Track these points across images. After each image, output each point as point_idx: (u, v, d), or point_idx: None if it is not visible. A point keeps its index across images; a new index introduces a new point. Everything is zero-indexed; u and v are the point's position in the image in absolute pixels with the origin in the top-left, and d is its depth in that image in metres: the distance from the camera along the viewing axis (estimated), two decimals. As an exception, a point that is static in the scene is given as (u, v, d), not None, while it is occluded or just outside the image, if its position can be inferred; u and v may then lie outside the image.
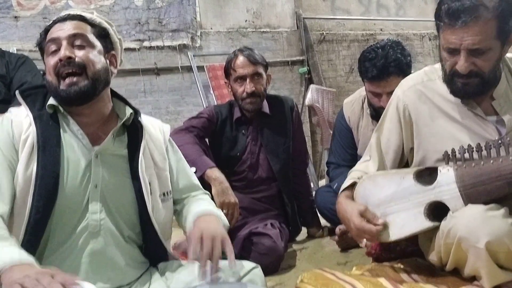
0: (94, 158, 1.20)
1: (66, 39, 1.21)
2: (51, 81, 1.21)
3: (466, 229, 1.28)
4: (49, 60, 1.22)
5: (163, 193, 1.31)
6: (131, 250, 1.25)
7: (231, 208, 1.88)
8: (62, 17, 1.25)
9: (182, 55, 4.05)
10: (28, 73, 2.28)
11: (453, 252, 1.36)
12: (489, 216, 1.27)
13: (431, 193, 1.43)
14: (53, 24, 1.25)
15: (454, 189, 1.37)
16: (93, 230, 1.18)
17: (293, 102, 2.41)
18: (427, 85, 1.55)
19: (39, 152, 1.15)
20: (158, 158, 1.33)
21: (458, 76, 1.40)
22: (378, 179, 1.56)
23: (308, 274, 1.53)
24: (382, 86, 2.10)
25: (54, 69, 1.20)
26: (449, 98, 1.50)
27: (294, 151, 2.36)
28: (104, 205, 1.20)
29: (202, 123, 2.20)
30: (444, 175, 1.40)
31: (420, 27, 5.44)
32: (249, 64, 2.20)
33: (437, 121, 1.52)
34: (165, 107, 4.01)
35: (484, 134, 1.43)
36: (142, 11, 3.92)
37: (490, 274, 1.29)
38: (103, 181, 1.20)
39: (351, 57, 4.96)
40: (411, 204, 1.46)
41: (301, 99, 4.49)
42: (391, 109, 1.63)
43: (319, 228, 2.46)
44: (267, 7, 4.51)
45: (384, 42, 2.19)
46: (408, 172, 1.52)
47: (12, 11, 3.49)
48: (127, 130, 1.30)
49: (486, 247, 1.24)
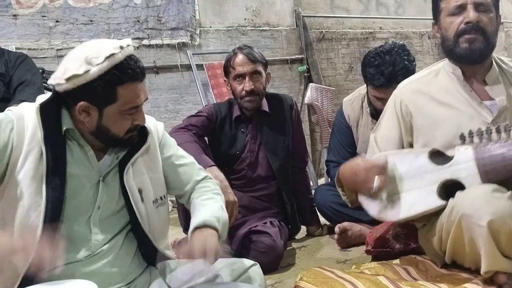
0: (101, 181, 1.20)
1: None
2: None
3: (470, 207, 1.30)
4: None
5: (159, 198, 1.30)
6: (128, 254, 1.24)
7: (230, 206, 1.88)
8: None
9: (181, 54, 4.04)
10: (28, 71, 2.28)
11: (453, 231, 1.37)
12: (494, 196, 1.29)
13: (447, 171, 1.44)
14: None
15: (472, 167, 1.39)
16: (94, 250, 1.17)
17: (293, 101, 2.41)
18: (422, 81, 1.64)
19: (48, 172, 1.12)
20: (152, 161, 1.30)
21: (465, 32, 1.50)
22: (388, 158, 1.57)
23: (308, 272, 1.53)
24: (388, 92, 2.09)
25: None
26: (444, 87, 1.58)
27: (293, 150, 2.36)
28: (104, 224, 1.19)
29: (201, 122, 2.20)
30: (462, 154, 1.42)
31: (420, 25, 5.43)
32: (248, 62, 2.19)
33: (434, 110, 1.57)
34: (164, 106, 4.01)
35: (480, 117, 1.49)
36: (141, 9, 3.91)
37: (490, 255, 1.29)
38: (105, 202, 1.20)
39: (350, 56, 4.96)
40: (424, 183, 1.47)
41: (301, 98, 4.48)
42: (389, 108, 1.68)
43: (319, 226, 2.46)
44: (266, 5, 4.50)
45: (389, 46, 2.15)
46: (422, 151, 1.53)
47: (11, 9, 3.49)
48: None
49: (488, 226, 1.25)
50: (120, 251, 1.21)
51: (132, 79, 1.15)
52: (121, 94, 1.14)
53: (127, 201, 1.21)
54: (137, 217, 1.21)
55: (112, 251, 1.20)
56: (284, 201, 2.29)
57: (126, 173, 1.21)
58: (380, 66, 2.08)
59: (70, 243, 1.15)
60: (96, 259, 1.17)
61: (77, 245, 1.16)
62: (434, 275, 1.53)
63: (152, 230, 1.25)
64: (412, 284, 1.43)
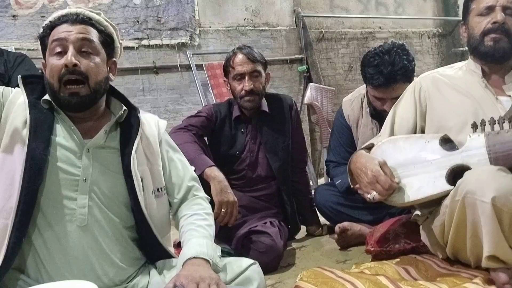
0: (85, 153, 1.21)
1: (73, 43, 1.21)
2: (52, 83, 1.21)
3: (474, 183, 1.32)
4: (53, 60, 1.21)
5: (157, 189, 1.31)
6: (125, 245, 1.25)
7: (230, 206, 1.88)
8: (71, 18, 1.24)
9: (181, 54, 4.04)
10: (27, 72, 2.28)
11: (457, 212, 1.38)
12: (500, 175, 1.32)
13: (458, 157, 1.48)
14: (59, 22, 1.24)
15: (483, 153, 1.44)
16: (80, 224, 1.18)
17: (292, 101, 2.41)
18: (442, 74, 1.74)
19: (30, 135, 1.16)
20: (151, 153, 1.33)
21: (491, 32, 1.58)
22: (399, 142, 1.62)
23: (307, 272, 1.53)
24: (387, 92, 2.10)
25: (58, 73, 1.20)
26: (464, 79, 1.66)
27: (293, 150, 2.36)
28: (93, 200, 1.20)
29: (201, 122, 2.20)
30: (474, 140, 1.47)
31: (419, 25, 5.43)
32: (248, 62, 2.19)
33: (451, 96, 1.65)
34: (164, 106, 4.01)
35: (494, 110, 1.54)
36: (140, 10, 3.91)
37: (492, 235, 1.30)
38: (93, 176, 1.21)
39: (350, 55, 4.96)
40: (433, 167, 1.51)
41: (300, 98, 4.48)
42: (408, 92, 1.77)
43: (318, 226, 2.46)
44: (266, 5, 4.50)
45: (388, 46, 2.14)
46: (434, 137, 1.57)
47: (10, 9, 3.49)
48: (120, 126, 1.30)
49: (492, 203, 1.27)
50: (108, 232, 1.21)
51: (59, 23, 1.24)
52: (50, 37, 1.24)
53: (130, 187, 1.22)
54: (140, 203, 1.22)
55: (99, 229, 1.19)
56: (284, 201, 2.29)
57: (132, 159, 1.23)
58: (379, 66, 2.08)
59: (54, 211, 1.16)
60: (79, 233, 1.17)
61: (61, 216, 1.17)
62: (434, 275, 1.53)
63: (153, 220, 1.26)
64: (412, 284, 1.43)
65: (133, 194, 1.23)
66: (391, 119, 1.77)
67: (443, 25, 5.58)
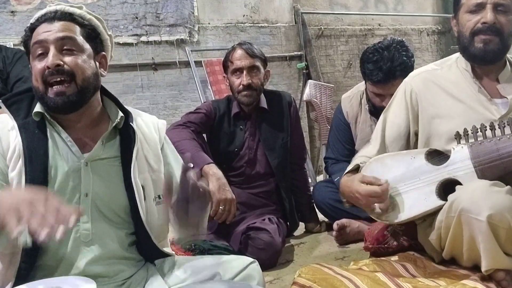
0: (83, 166, 1.16)
1: (53, 43, 1.14)
2: (38, 87, 1.15)
3: (469, 201, 1.30)
4: (36, 64, 1.15)
5: (159, 196, 1.27)
6: (127, 251, 1.24)
7: (228, 204, 1.88)
8: (50, 16, 1.18)
9: (180, 50, 4.03)
10: (25, 68, 2.27)
11: (453, 227, 1.36)
12: (493, 191, 1.29)
13: (444, 171, 1.45)
14: (38, 23, 1.18)
15: (469, 165, 1.40)
16: (85, 239, 1.15)
17: (291, 98, 2.41)
18: (433, 73, 1.64)
19: (26, 163, 1.11)
20: (153, 160, 1.28)
21: (481, 32, 1.49)
22: (386, 160, 1.57)
23: (306, 269, 1.53)
24: (386, 88, 2.10)
25: (41, 76, 1.14)
26: (455, 81, 1.58)
27: (292, 146, 2.36)
28: (95, 213, 1.17)
29: (200, 118, 2.20)
30: (458, 153, 1.43)
31: (418, 22, 5.42)
32: (247, 56, 2.19)
33: (442, 102, 1.58)
34: (163, 102, 4.00)
35: (488, 114, 1.49)
36: (139, 6, 3.90)
37: (490, 251, 1.29)
38: (94, 190, 1.17)
39: (349, 52, 4.95)
40: (422, 184, 1.48)
41: (299, 95, 4.48)
42: (398, 95, 1.69)
43: (317, 223, 2.46)
44: (265, 1, 4.49)
45: (387, 42, 2.15)
46: (419, 152, 1.54)
47: (9, 5, 3.48)
48: (119, 133, 1.24)
49: (488, 220, 1.25)
50: (113, 244, 1.19)
51: (38, 24, 1.19)
52: (32, 40, 1.18)
53: (131, 197, 1.20)
54: (139, 212, 1.20)
55: (103, 242, 1.17)
56: (283, 198, 2.29)
57: (133, 168, 1.20)
58: (378, 62, 2.08)
59: None
60: (85, 248, 1.15)
61: (67, 235, 1.11)
62: (432, 271, 1.53)
63: (152, 228, 1.24)
64: (410, 280, 1.43)
65: (133, 203, 1.20)
66: (381, 125, 1.70)
67: (442, 22, 5.58)
